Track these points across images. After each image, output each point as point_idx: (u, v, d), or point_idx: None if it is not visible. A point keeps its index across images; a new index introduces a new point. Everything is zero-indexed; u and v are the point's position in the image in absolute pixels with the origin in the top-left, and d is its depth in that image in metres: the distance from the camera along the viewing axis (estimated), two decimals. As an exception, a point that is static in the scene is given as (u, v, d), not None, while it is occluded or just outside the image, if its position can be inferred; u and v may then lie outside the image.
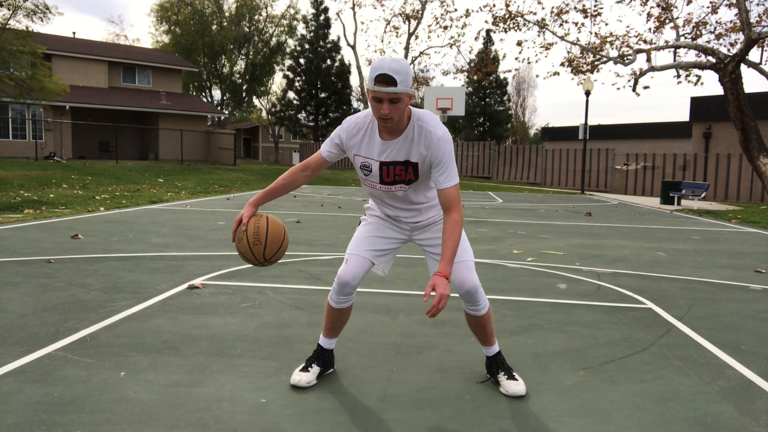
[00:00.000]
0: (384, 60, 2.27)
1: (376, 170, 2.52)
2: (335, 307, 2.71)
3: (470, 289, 2.56)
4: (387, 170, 2.50)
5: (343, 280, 2.61)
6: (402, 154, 2.46)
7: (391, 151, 2.46)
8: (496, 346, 2.80)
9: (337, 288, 2.64)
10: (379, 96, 2.26)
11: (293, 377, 2.73)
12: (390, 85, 2.23)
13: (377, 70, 2.24)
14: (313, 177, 2.64)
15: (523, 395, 2.67)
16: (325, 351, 2.83)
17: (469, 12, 23.38)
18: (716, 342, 3.55)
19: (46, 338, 3.25)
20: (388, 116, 2.29)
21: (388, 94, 2.25)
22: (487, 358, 2.83)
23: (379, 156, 2.48)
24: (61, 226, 8.08)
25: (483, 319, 2.69)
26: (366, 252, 2.65)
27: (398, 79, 2.23)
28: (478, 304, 2.64)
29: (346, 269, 2.61)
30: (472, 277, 2.56)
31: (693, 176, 22.15)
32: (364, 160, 2.53)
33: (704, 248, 7.72)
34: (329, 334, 2.81)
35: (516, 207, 14.32)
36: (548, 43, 17.61)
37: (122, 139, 29.09)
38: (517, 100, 59.66)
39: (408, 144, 2.44)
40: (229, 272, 5.22)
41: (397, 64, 2.24)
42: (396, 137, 2.44)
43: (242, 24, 39.35)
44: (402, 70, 2.24)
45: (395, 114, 2.30)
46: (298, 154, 44.38)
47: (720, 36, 15.75)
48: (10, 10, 17.36)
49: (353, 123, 2.52)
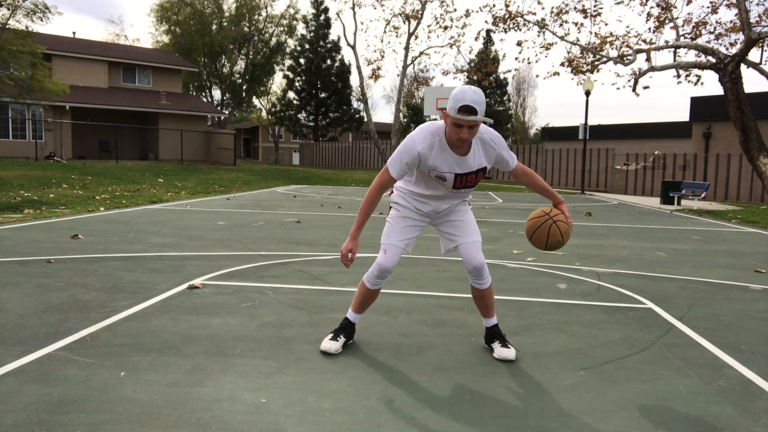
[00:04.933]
0: (466, 92, 2.60)
1: (451, 179, 2.91)
2: (371, 289, 3.16)
3: (477, 265, 3.03)
4: (461, 179, 2.92)
5: (384, 268, 3.06)
6: (475, 164, 2.89)
7: (464, 163, 2.87)
8: (494, 318, 3.25)
9: (377, 273, 3.08)
10: (461, 123, 2.64)
11: (323, 344, 3.15)
12: (471, 114, 2.60)
13: (461, 101, 2.59)
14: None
15: (513, 360, 3.09)
16: (352, 324, 3.27)
17: (469, 12, 23.37)
18: (716, 342, 3.55)
19: (46, 338, 3.25)
20: (467, 139, 2.70)
21: (469, 122, 2.63)
22: (486, 329, 3.26)
23: (455, 168, 2.88)
24: (61, 226, 8.08)
25: (486, 292, 3.16)
26: (400, 242, 3.08)
27: (479, 109, 2.61)
28: (482, 278, 3.10)
29: (387, 258, 3.05)
30: (479, 256, 3.04)
31: (693, 176, 22.15)
32: (439, 173, 2.90)
33: (704, 248, 7.72)
34: (358, 310, 3.25)
35: (516, 207, 14.33)
36: (548, 43, 17.61)
37: (122, 139, 29.08)
38: (517, 100, 59.70)
39: (476, 155, 2.87)
40: (229, 272, 5.22)
41: (478, 97, 2.60)
42: (467, 151, 2.85)
43: (242, 24, 39.35)
44: (481, 102, 2.61)
45: (472, 137, 2.72)
46: (298, 154, 44.40)
47: (720, 36, 15.75)
48: (9, 10, 17.36)
49: (427, 144, 2.82)
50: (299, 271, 5.33)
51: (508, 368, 3.02)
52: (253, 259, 5.89)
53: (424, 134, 2.82)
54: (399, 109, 30.21)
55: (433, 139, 2.82)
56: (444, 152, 2.83)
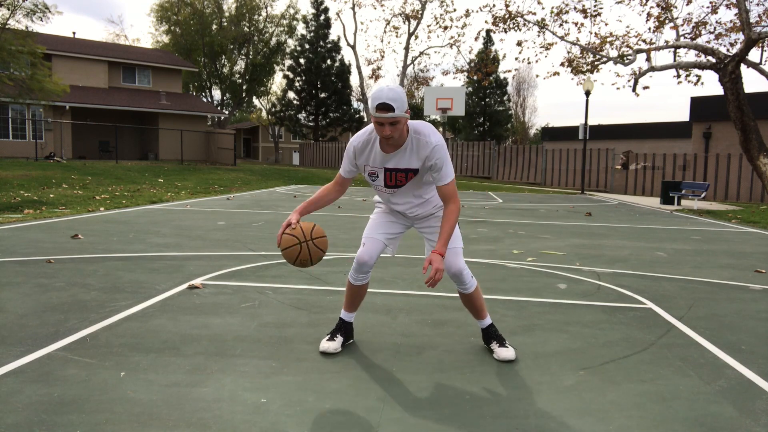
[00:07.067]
0: (382, 90, 2.67)
1: (381, 175, 2.97)
2: (354, 284, 3.17)
3: (456, 272, 3.04)
4: (390, 176, 2.96)
5: (362, 260, 3.06)
6: (404, 163, 2.91)
7: (393, 160, 2.91)
8: (488, 319, 3.27)
9: (357, 267, 3.08)
10: (381, 120, 2.70)
11: (322, 345, 3.17)
12: (389, 111, 2.66)
13: (377, 99, 2.66)
14: (343, 192, 3.13)
15: (512, 360, 3.11)
16: (346, 323, 3.28)
17: (469, 12, 23.37)
18: (716, 342, 3.55)
19: (46, 338, 3.25)
20: (389, 136, 2.74)
21: (388, 119, 2.68)
22: (482, 330, 3.29)
23: (384, 164, 2.93)
24: (61, 226, 8.08)
25: (471, 296, 3.17)
26: (380, 235, 3.10)
27: (395, 105, 2.65)
28: (465, 284, 3.11)
29: (364, 251, 3.06)
30: (457, 262, 3.02)
31: (693, 176, 22.15)
32: (371, 169, 2.98)
33: (704, 248, 7.72)
34: (350, 309, 3.27)
35: (516, 207, 14.33)
36: (548, 43, 17.61)
37: (122, 139, 29.09)
38: (517, 100, 59.66)
39: (408, 154, 2.88)
40: (229, 272, 5.22)
41: (393, 93, 2.65)
42: (397, 149, 2.88)
43: (242, 24, 39.34)
44: (397, 98, 2.65)
45: (395, 133, 2.75)
46: (298, 154, 44.38)
47: (720, 36, 15.75)
48: (9, 10, 17.36)
49: (362, 140, 2.94)
50: (299, 271, 5.33)
51: (508, 368, 3.02)
52: (253, 259, 5.89)
53: (362, 132, 2.94)
54: (399, 109, 30.14)
55: (370, 136, 2.91)
56: (377, 150, 2.91)
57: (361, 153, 2.95)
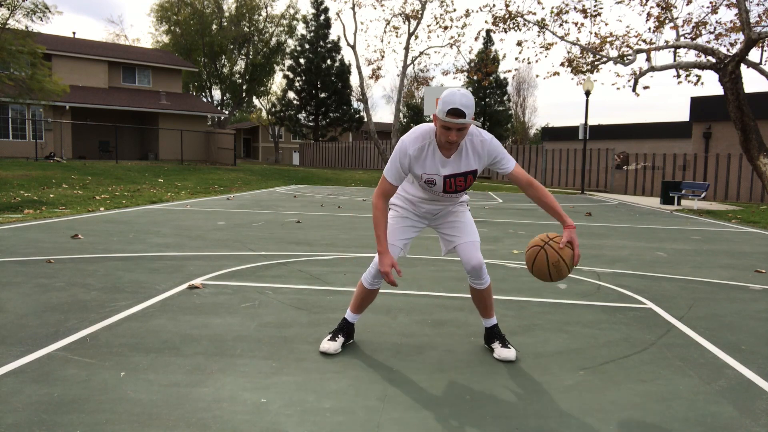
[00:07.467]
0: (455, 94, 2.61)
1: (441, 182, 2.92)
2: (369, 288, 3.15)
3: (476, 265, 3.02)
4: (450, 182, 2.92)
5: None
6: (463, 166, 2.89)
7: (453, 165, 2.88)
8: (494, 319, 3.25)
9: (375, 272, 3.09)
10: (450, 126, 2.65)
11: (322, 345, 3.15)
12: (460, 117, 2.61)
13: (449, 104, 2.60)
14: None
15: (513, 360, 3.10)
16: (350, 324, 3.26)
17: (469, 12, 23.38)
18: (716, 342, 3.55)
19: (46, 338, 3.25)
20: (455, 141, 2.71)
21: (458, 125, 2.64)
22: (486, 329, 3.27)
23: (443, 171, 2.88)
24: (61, 226, 8.07)
25: (485, 293, 3.15)
26: (398, 241, 3.09)
27: (467, 112, 2.62)
28: (481, 279, 3.08)
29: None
30: (478, 256, 3.03)
31: (693, 176, 22.15)
32: (429, 177, 2.90)
33: (704, 248, 7.72)
34: (357, 311, 3.25)
35: (516, 207, 14.33)
36: (548, 43, 17.61)
37: (122, 139, 29.08)
38: (517, 100, 59.68)
39: (464, 156, 2.87)
40: (229, 272, 5.22)
41: (466, 99, 2.61)
42: (456, 153, 2.86)
43: (242, 24, 39.33)
44: (470, 104, 2.62)
45: (461, 139, 2.73)
46: (298, 154, 44.38)
47: (720, 36, 15.75)
48: (9, 10, 17.36)
49: (417, 147, 2.84)
50: (299, 271, 5.33)
51: (508, 368, 3.02)
52: (253, 259, 5.89)
53: (415, 137, 2.85)
54: (399, 109, 30.22)
55: (424, 142, 2.84)
56: (434, 155, 2.85)
57: (416, 161, 2.85)
